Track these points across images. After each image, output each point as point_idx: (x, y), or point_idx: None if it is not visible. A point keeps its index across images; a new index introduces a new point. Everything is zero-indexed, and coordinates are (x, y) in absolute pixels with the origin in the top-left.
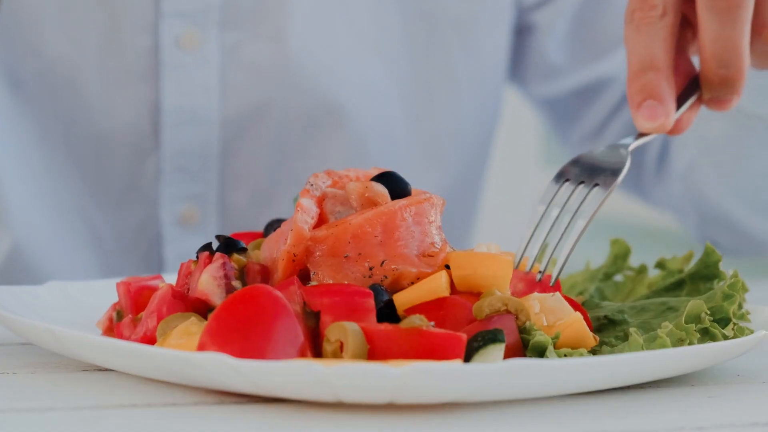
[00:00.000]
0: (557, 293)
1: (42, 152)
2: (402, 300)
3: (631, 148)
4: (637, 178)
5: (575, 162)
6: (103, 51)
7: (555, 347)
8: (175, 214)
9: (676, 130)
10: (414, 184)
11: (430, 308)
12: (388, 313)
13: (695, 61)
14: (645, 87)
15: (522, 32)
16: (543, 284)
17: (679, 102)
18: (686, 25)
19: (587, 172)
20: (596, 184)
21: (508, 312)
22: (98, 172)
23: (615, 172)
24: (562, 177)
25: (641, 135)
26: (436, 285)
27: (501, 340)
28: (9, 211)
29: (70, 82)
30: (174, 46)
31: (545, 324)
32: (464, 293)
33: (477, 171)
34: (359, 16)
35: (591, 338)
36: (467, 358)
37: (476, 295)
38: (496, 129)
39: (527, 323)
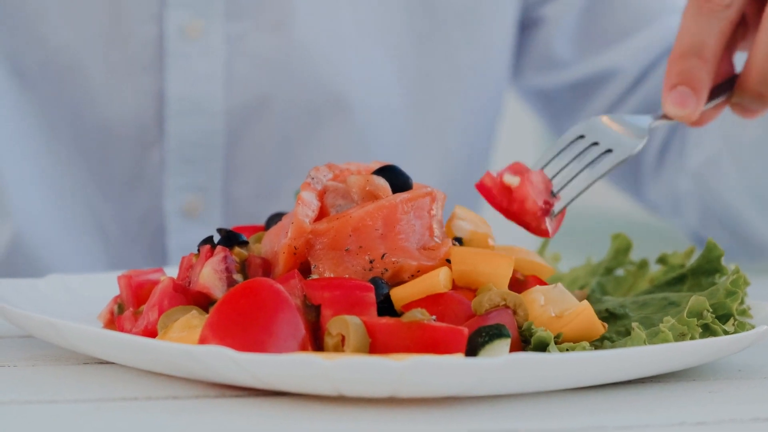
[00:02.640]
0: (559, 284)
1: (45, 142)
2: (400, 295)
3: (651, 125)
4: (634, 175)
5: (592, 124)
6: (107, 40)
7: (563, 338)
8: (179, 205)
9: (697, 122)
10: (416, 176)
11: (428, 303)
12: (387, 306)
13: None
14: (684, 72)
15: (529, 26)
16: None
17: (710, 97)
18: (741, 24)
19: (603, 135)
20: (609, 150)
21: (506, 307)
22: (102, 162)
23: (631, 144)
24: (577, 132)
25: (663, 117)
26: (435, 282)
27: (507, 335)
28: (11, 200)
29: (74, 71)
30: (178, 35)
31: (552, 315)
32: (462, 289)
33: (479, 164)
34: (364, 7)
35: (600, 326)
36: (471, 353)
37: (473, 291)
38: (498, 121)
39: (527, 322)
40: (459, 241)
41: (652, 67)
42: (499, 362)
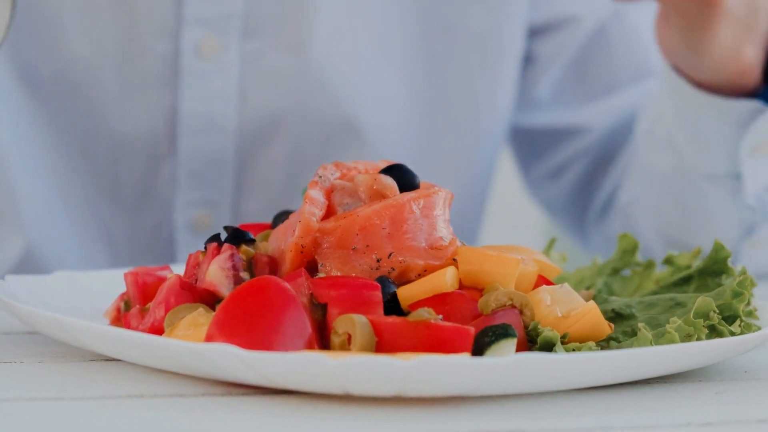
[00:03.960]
0: (566, 284)
1: (57, 154)
2: (407, 294)
3: None
4: (581, 223)
5: None
6: (122, 54)
7: (570, 338)
8: (189, 219)
9: None
10: None
11: (435, 303)
12: (393, 305)
13: None
14: None
15: (525, 59)
16: None
17: None
18: None
19: None
20: None
21: (513, 307)
22: (113, 175)
23: None
24: None
25: None
26: (441, 281)
27: (513, 335)
28: (23, 213)
29: (88, 84)
30: (194, 53)
31: (559, 315)
32: (469, 288)
33: (484, 184)
34: (381, 30)
35: (606, 327)
36: (478, 353)
37: (480, 290)
38: (503, 148)
39: (533, 322)
40: None
41: (618, 126)
42: (505, 362)
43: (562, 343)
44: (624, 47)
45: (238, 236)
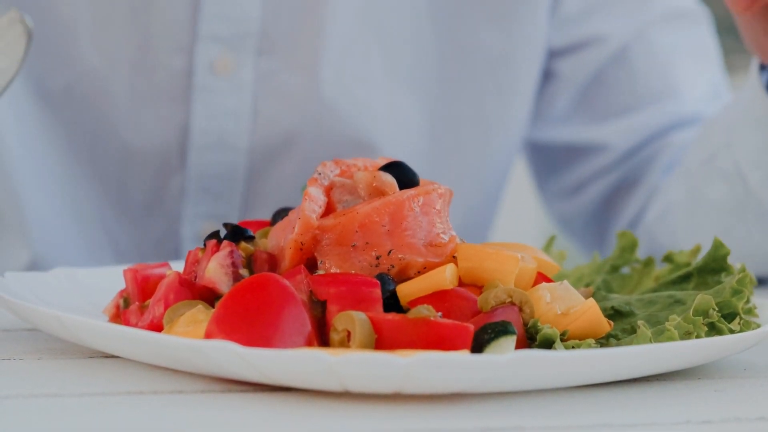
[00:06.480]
0: (565, 281)
1: (66, 164)
2: (406, 291)
3: None
4: (600, 245)
5: None
6: (135, 68)
7: (569, 335)
8: (195, 231)
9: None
10: None
11: (434, 300)
12: (393, 302)
13: None
14: None
15: (544, 77)
16: None
17: None
18: None
19: None
20: None
21: (512, 304)
22: (122, 188)
23: None
24: None
25: None
26: (441, 278)
27: (512, 332)
28: (29, 224)
29: (99, 96)
30: (207, 69)
31: (558, 312)
32: (469, 286)
33: (493, 201)
34: (396, 52)
35: (606, 324)
36: (477, 350)
37: (479, 288)
38: (511, 170)
39: (532, 319)
40: None
41: (639, 148)
42: (504, 359)
43: (562, 340)
44: (646, 67)
45: (237, 233)
